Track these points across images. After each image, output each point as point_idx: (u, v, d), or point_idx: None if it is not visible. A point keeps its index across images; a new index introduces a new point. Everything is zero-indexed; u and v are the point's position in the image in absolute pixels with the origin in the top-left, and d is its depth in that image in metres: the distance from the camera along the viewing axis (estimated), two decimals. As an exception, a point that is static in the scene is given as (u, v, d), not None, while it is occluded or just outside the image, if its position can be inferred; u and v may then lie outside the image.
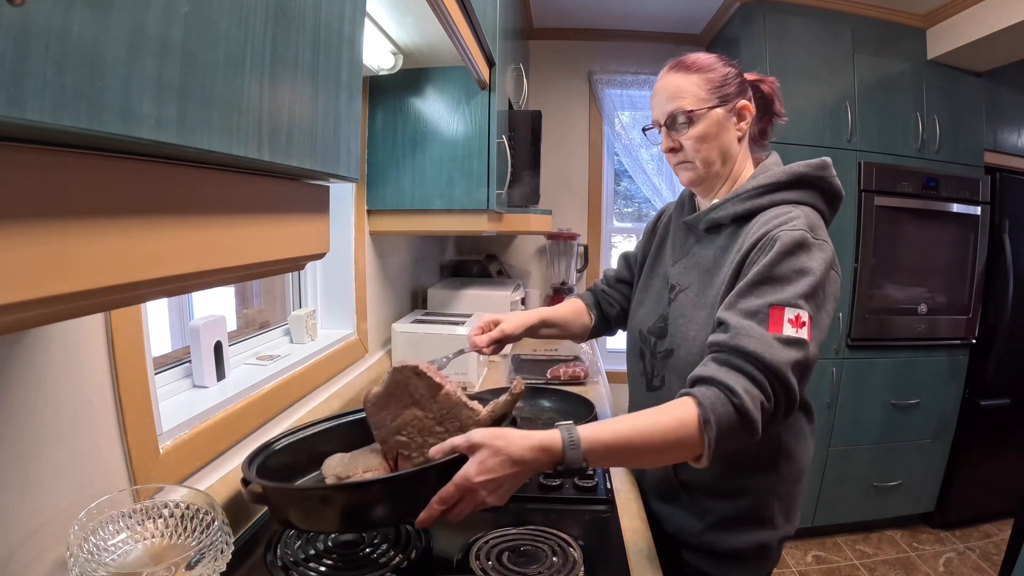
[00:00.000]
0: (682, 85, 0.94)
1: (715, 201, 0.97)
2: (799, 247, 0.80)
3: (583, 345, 2.01)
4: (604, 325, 1.24)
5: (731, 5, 2.43)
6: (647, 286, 1.09)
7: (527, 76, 2.42)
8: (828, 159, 0.92)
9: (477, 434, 0.71)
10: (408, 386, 0.86)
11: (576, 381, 1.72)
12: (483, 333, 1.10)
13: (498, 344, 1.11)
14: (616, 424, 0.74)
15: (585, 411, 1.37)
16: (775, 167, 0.94)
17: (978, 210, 2.48)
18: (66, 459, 0.63)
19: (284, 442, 0.92)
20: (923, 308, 2.48)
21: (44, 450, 0.60)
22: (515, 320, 1.12)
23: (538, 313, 1.16)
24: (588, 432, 0.72)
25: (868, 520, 2.61)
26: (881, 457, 2.54)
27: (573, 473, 0.72)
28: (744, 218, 0.92)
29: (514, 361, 1.95)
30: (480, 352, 1.10)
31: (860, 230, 2.37)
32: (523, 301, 2.49)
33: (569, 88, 2.92)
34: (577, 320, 1.21)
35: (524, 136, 1.94)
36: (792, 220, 0.83)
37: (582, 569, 0.79)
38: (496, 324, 1.10)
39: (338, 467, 0.86)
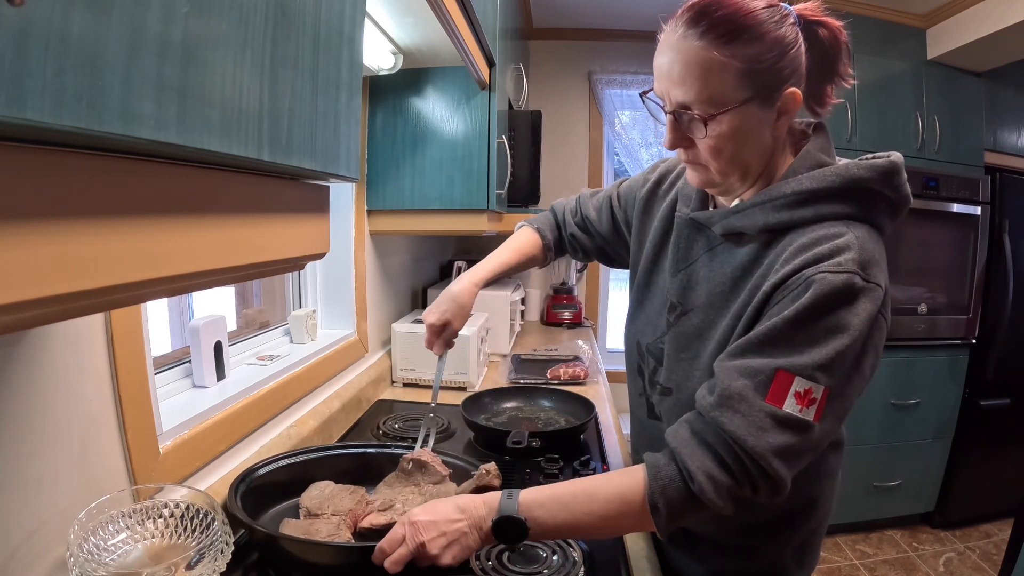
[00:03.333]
0: (706, 65, 0.64)
1: (737, 202, 0.73)
2: (841, 297, 0.60)
3: (582, 344, 2.01)
4: (561, 254, 1.11)
5: (731, 5, 2.43)
6: (647, 285, 0.88)
7: (527, 76, 2.42)
8: (900, 158, 0.69)
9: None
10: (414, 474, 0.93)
11: (576, 381, 1.72)
12: (439, 337, 0.99)
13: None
14: (558, 486, 0.69)
15: (585, 411, 1.37)
16: (822, 158, 0.70)
17: (978, 210, 2.48)
18: (66, 459, 0.63)
19: (285, 462, 0.95)
20: (923, 308, 2.48)
21: (44, 450, 0.60)
22: (461, 313, 0.99)
23: (474, 281, 1.01)
24: (528, 490, 0.68)
25: (868, 520, 2.61)
26: (881, 457, 2.54)
27: (511, 533, 0.66)
28: (778, 232, 0.69)
29: (514, 361, 1.95)
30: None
31: (860, 230, 2.37)
32: (523, 301, 2.49)
33: (569, 88, 2.92)
34: (527, 263, 1.08)
35: (524, 136, 1.94)
36: (840, 254, 0.62)
37: (582, 569, 0.79)
38: (445, 326, 0.98)
39: (314, 499, 0.88)
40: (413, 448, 0.99)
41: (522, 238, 1.07)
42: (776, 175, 0.72)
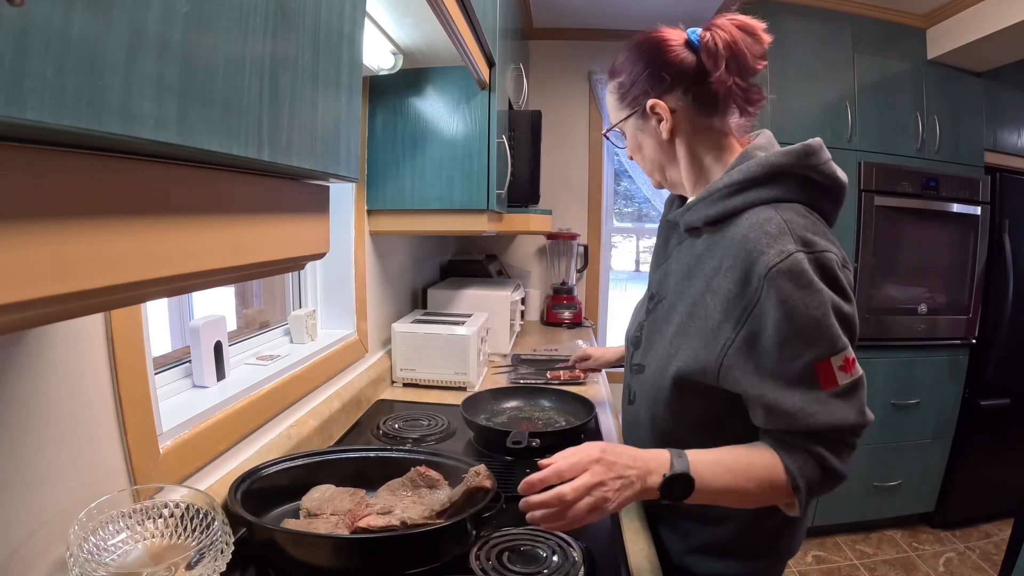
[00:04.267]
0: (607, 98, 0.90)
1: (689, 200, 0.86)
2: (799, 280, 0.67)
3: (582, 344, 2.01)
4: None
5: (731, 5, 2.43)
6: (647, 288, 1.01)
7: (527, 76, 2.42)
8: (816, 141, 0.76)
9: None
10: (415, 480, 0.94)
11: (576, 382, 1.72)
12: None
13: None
14: (717, 452, 0.74)
15: (585, 411, 1.37)
16: (757, 154, 0.78)
17: (978, 210, 2.48)
18: (66, 459, 0.63)
19: (286, 465, 0.95)
20: (923, 308, 2.48)
21: (44, 450, 0.60)
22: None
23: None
24: (691, 452, 0.73)
25: (868, 520, 2.61)
26: (881, 457, 2.54)
27: (678, 490, 0.70)
28: (719, 221, 0.79)
29: (514, 360, 1.95)
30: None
31: (860, 230, 2.37)
32: (523, 301, 2.49)
33: (569, 88, 2.92)
34: None
35: (524, 136, 1.93)
36: (775, 243, 0.69)
37: (582, 569, 0.79)
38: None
39: (315, 501, 0.88)
40: (415, 448, 0.99)
41: None
42: (713, 175, 0.84)
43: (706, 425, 0.81)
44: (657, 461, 0.70)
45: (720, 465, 0.71)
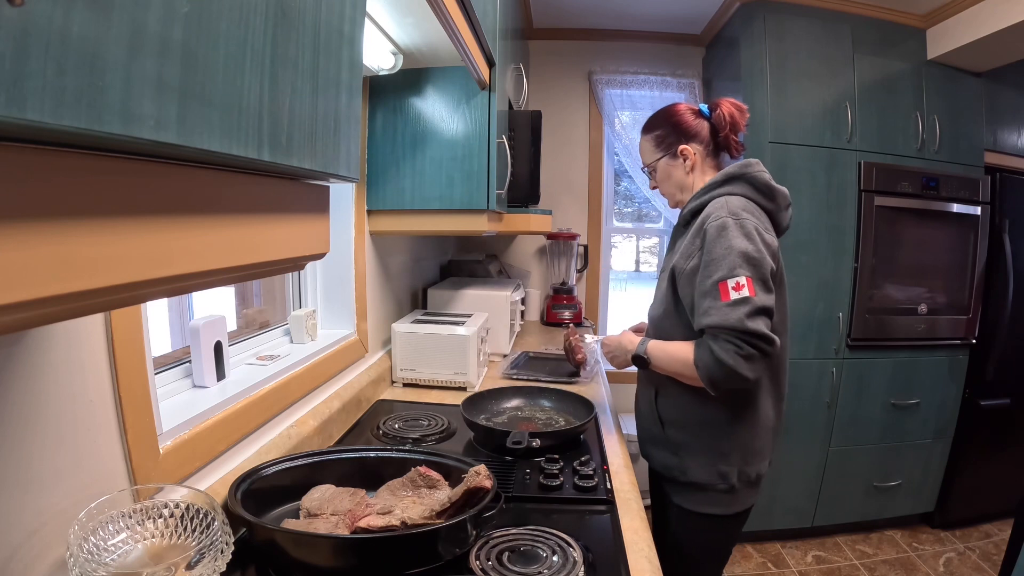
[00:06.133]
0: (642, 145, 1.33)
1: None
2: (722, 230, 1.08)
3: (588, 338, 2.02)
4: None
5: (731, 5, 2.43)
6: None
7: (527, 76, 2.42)
8: (753, 160, 1.18)
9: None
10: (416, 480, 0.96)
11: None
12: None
13: None
14: (666, 345, 1.19)
15: (585, 411, 1.37)
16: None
17: (978, 210, 2.48)
18: (66, 459, 0.63)
19: (286, 465, 0.95)
20: (923, 308, 2.48)
21: (44, 450, 0.60)
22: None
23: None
24: (652, 343, 1.21)
25: (868, 520, 2.61)
26: (881, 457, 2.54)
27: (640, 362, 1.22)
28: (697, 211, 1.19)
29: (520, 358, 1.95)
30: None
31: (860, 230, 2.37)
32: (523, 301, 2.49)
33: (569, 88, 2.92)
34: None
35: (524, 136, 1.93)
36: (718, 210, 1.11)
37: (582, 569, 0.79)
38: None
39: (315, 501, 0.88)
40: (415, 448, 0.99)
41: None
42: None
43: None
44: (631, 343, 1.25)
45: (663, 351, 1.18)
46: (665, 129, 1.27)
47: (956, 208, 2.45)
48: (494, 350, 2.02)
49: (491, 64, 1.50)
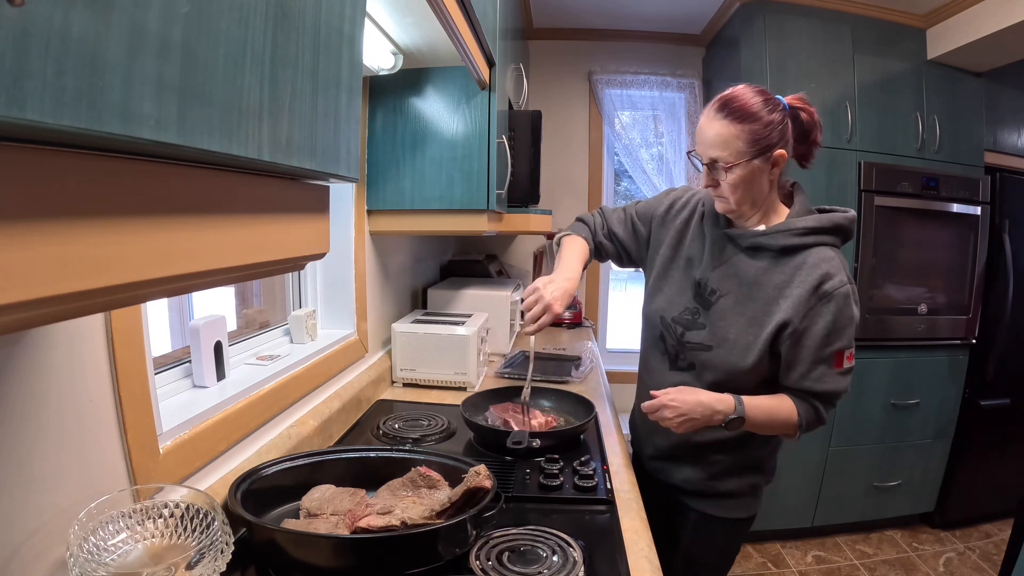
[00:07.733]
0: (725, 135, 1.00)
1: (762, 227, 1.09)
2: (847, 299, 1.01)
3: (589, 343, 2.02)
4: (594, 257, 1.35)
5: (731, 5, 2.43)
6: (665, 276, 1.21)
7: (527, 76, 2.42)
8: (853, 213, 1.08)
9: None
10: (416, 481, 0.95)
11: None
12: (534, 323, 1.15)
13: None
14: (761, 400, 1.07)
15: (585, 411, 1.37)
16: (810, 206, 1.10)
17: (978, 210, 2.48)
18: (66, 459, 0.63)
19: (286, 465, 0.95)
20: (923, 308, 2.48)
21: (45, 450, 0.60)
22: (563, 298, 1.15)
23: (574, 275, 1.20)
24: (746, 398, 1.06)
25: (868, 520, 2.61)
26: (881, 457, 2.54)
27: (736, 423, 1.04)
28: (790, 250, 1.05)
29: (516, 356, 1.95)
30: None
31: (860, 230, 2.37)
32: (523, 301, 2.48)
33: (569, 88, 2.92)
34: (586, 266, 1.30)
35: (524, 136, 1.93)
36: (838, 272, 1.02)
37: (582, 569, 0.79)
38: (545, 310, 1.13)
39: (315, 501, 0.88)
40: (415, 448, 0.99)
41: (577, 245, 1.28)
42: (772, 210, 1.10)
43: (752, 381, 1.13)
44: (723, 404, 1.04)
45: (760, 410, 1.05)
46: (767, 125, 0.99)
47: (956, 208, 2.45)
48: (494, 350, 2.02)
49: (491, 64, 1.50)
